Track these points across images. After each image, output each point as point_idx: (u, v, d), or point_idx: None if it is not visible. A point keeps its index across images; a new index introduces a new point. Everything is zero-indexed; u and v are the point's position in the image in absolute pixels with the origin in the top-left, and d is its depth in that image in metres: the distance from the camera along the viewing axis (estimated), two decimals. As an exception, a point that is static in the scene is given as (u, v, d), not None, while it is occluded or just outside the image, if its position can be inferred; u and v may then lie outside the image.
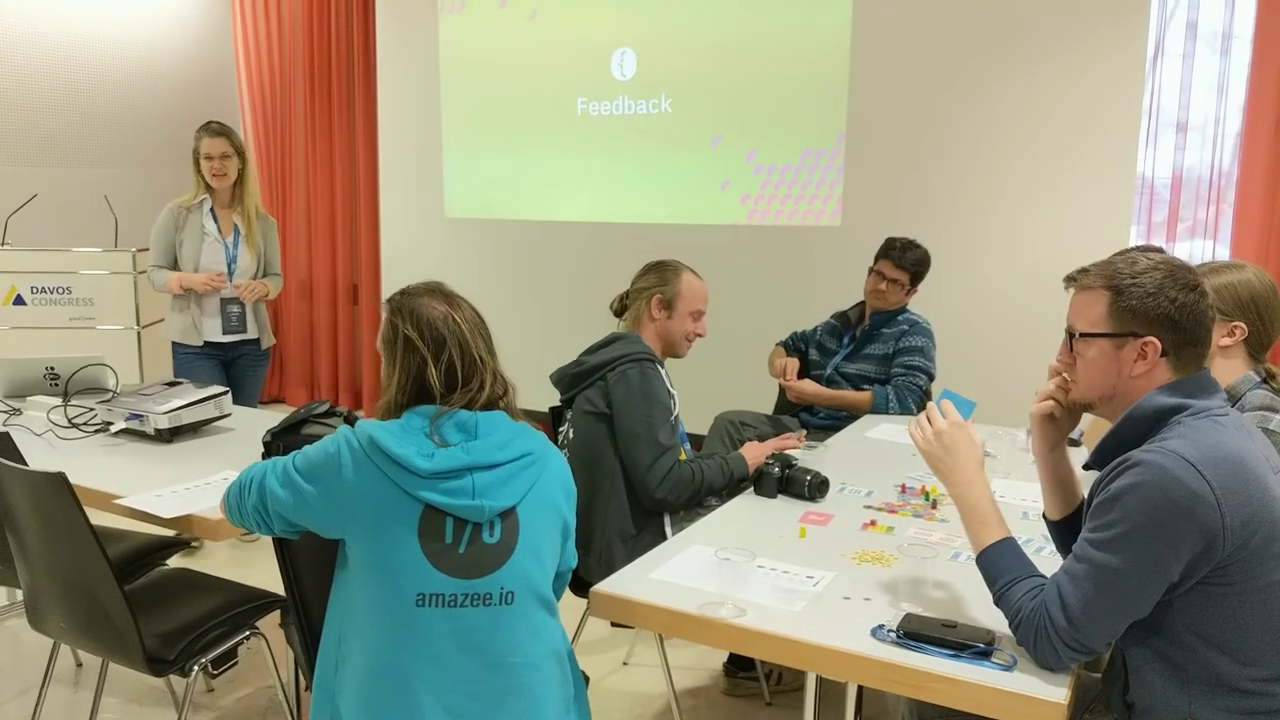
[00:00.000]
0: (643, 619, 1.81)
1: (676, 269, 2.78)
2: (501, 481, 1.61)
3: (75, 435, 2.74)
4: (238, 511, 1.73)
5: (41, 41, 5.52)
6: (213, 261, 3.82)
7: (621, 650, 3.16)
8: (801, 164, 4.81)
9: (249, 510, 1.70)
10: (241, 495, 1.71)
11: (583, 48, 5.27)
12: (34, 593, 2.22)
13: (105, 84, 5.85)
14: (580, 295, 5.29)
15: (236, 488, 1.73)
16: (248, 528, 1.77)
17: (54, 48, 5.59)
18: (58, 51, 5.61)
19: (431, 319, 1.68)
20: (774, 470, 2.40)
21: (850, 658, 1.58)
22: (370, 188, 6.23)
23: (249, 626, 2.27)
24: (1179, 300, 1.47)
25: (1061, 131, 4.16)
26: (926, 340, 3.50)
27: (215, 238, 3.82)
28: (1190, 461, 1.37)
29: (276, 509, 1.65)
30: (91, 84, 5.78)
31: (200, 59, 6.38)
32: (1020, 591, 1.51)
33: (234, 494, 1.74)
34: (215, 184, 3.78)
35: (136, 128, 5.93)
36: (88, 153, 5.76)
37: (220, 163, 3.76)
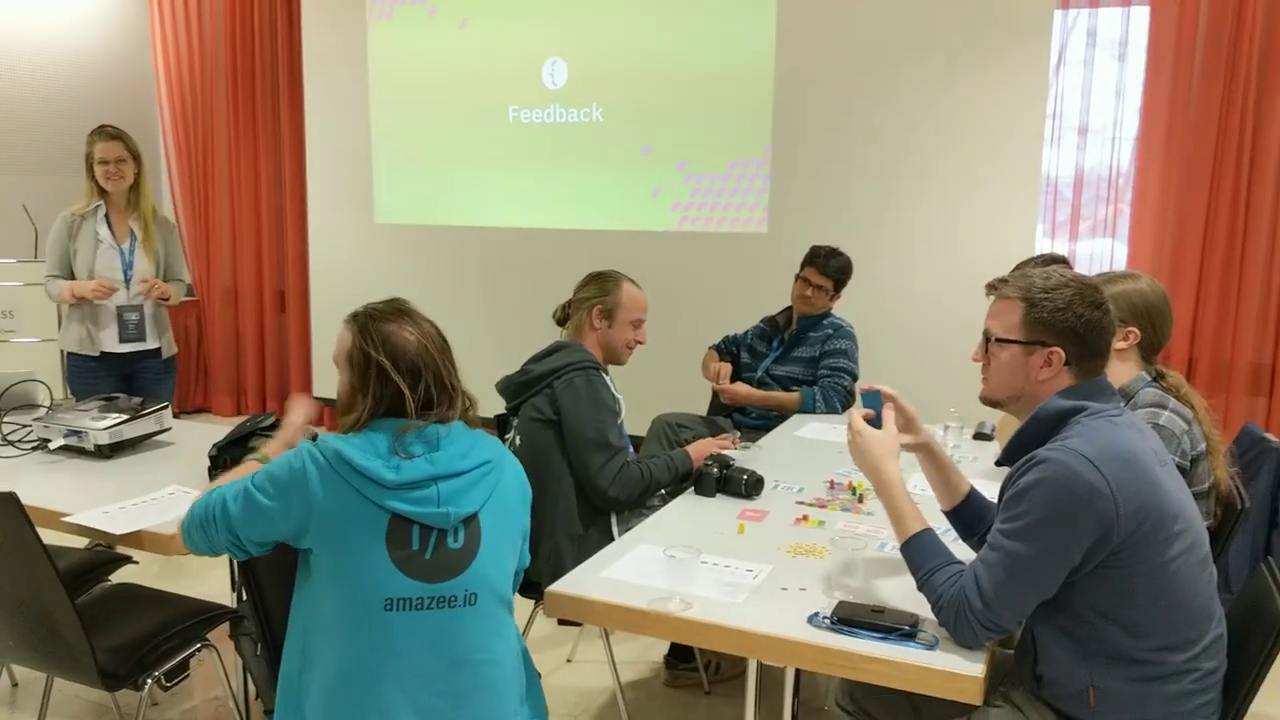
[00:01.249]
0: (596, 616, 1.92)
1: (617, 279, 2.88)
2: (464, 489, 1.69)
3: (11, 453, 2.72)
4: (207, 544, 1.74)
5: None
6: (108, 268, 3.70)
7: (566, 648, 3.25)
8: (729, 173, 4.95)
9: (222, 544, 1.71)
10: (207, 529, 1.72)
11: (514, 56, 5.33)
12: (-21, 611, 2.22)
13: (22, 91, 5.71)
14: (514, 301, 5.36)
15: (198, 524, 1.73)
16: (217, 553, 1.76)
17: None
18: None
19: (405, 349, 1.74)
20: (712, 470, 2.52)
21: (789, 644, 1.71)
22: (297, 193, 6.19)
23: (200, 639, 2.29)
24: (1085, 316, 1.65)
25: (972, 138, 4.37)
26: (850, 343, 3.67)
27: (110, 244, 3.71)
28: (1088, 458, 1.53)
29: (247, 534, 1.68)
30: (8, 91, 5.64)
31: (118, 65, 6.26)
32: (941, 578, 1.66)
33: (196, 529, 1.74)
34: (110, 188, 3.67)
35: (55, 135, 5.80)
36: (4, 161, 5.62)
37: (116, 166, 3.65)
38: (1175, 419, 2.08)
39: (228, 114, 6.27)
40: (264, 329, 6.48)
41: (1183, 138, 4.17)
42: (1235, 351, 4.18)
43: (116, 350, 3.75)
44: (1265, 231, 4.07)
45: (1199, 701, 1.60)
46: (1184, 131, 4.16)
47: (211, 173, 6.40)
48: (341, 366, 1.80)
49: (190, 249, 6.41)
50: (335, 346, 1.82)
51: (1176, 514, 1.58)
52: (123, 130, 3.73)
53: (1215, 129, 4.09)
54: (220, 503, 1.71)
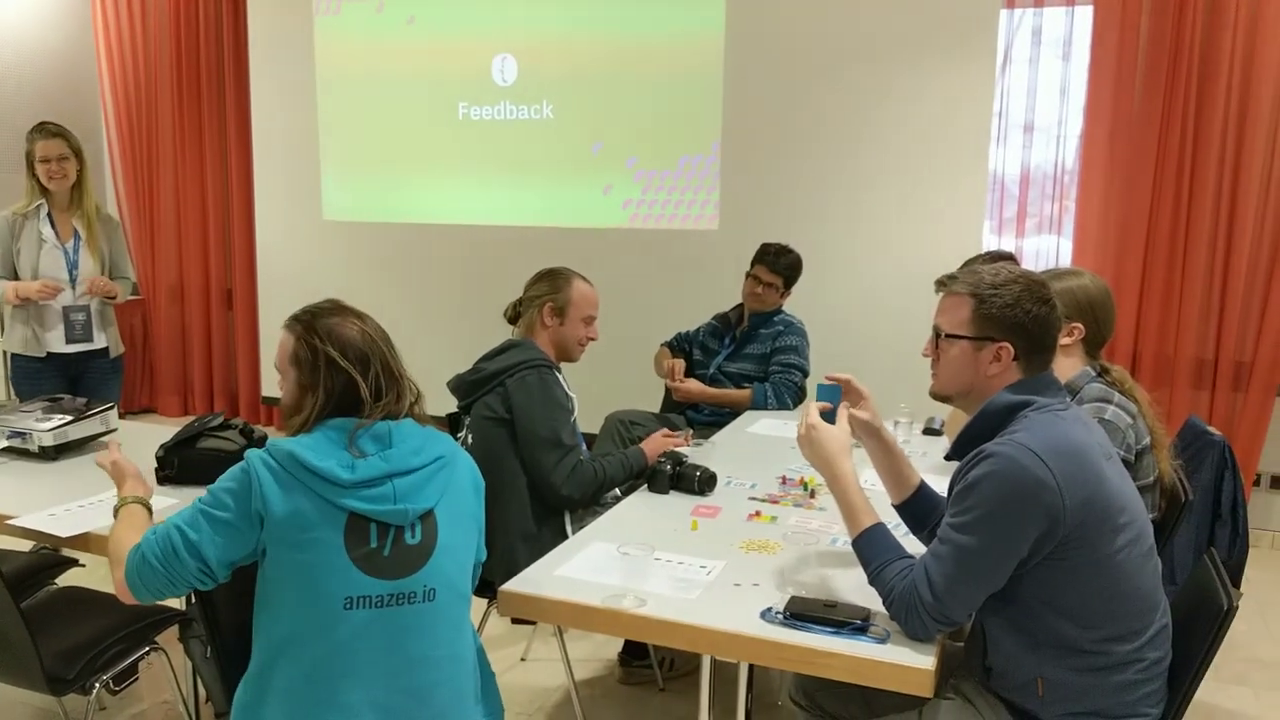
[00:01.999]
0: (550, 614, 1.92)
1: (568, 276, 2.88)
2: (420, 485, 1.69)
3: (-47, 455, 2.66)
4: (166, 582, 1.64)
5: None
6: (52, 268, 3.64)
7: (519, 646, 3.25)
8: (680, 169, 4.96)
9: (188, 576, 1.63)
10: (170, 565, 1.63)
11: (463, 53, 5.29)
12: (-81, 617, 2.16)
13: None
14: (464, 299, 5.33)
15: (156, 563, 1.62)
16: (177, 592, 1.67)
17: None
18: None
19: (350, 338, 1.74)
20: (665, 468, 2.54)
21: (742, 639, 1.72)
22: (244, 190, 6.09)
23: (149, 642, 2.26)
24: (1032, 312, 1.68)
25: (920, 136, 4.42)
26: (800, 339, 3.71)
27: (54, 244, 3.64)
28: (1035, 452, 1.56)
29: (218, 555, 1.63)
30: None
31: (60, 59, 6.11)
32: (892, 572, 1.68)
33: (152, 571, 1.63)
34: (53, 187, 3.61)
35: None
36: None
37: (58, 164, 3.59)
38: (1120, 413, 2.13)
39: (172, 109, 6.14)
40: (211, 327, 6.37)
41: (1126, 136, 4.26)
42: (1178, 346, 4.28)
43: (63, 351, 3.69)
44: (1207, 228, 4.18)
45: (1144, 691, 1.64)
46: (1127, 129, 4.26)
47: (156, 168, 6.28)
48: (285, 370, 1.79)
49: (135, 246, 6.29)
50: (277, 354, 1.81)
51: (1122, 507, 1.62)
52: (64, 127, 3.66)
53: (1158, 127, 4.19)
54: (176, 535, 1.63)
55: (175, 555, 1.62)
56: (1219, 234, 4.19)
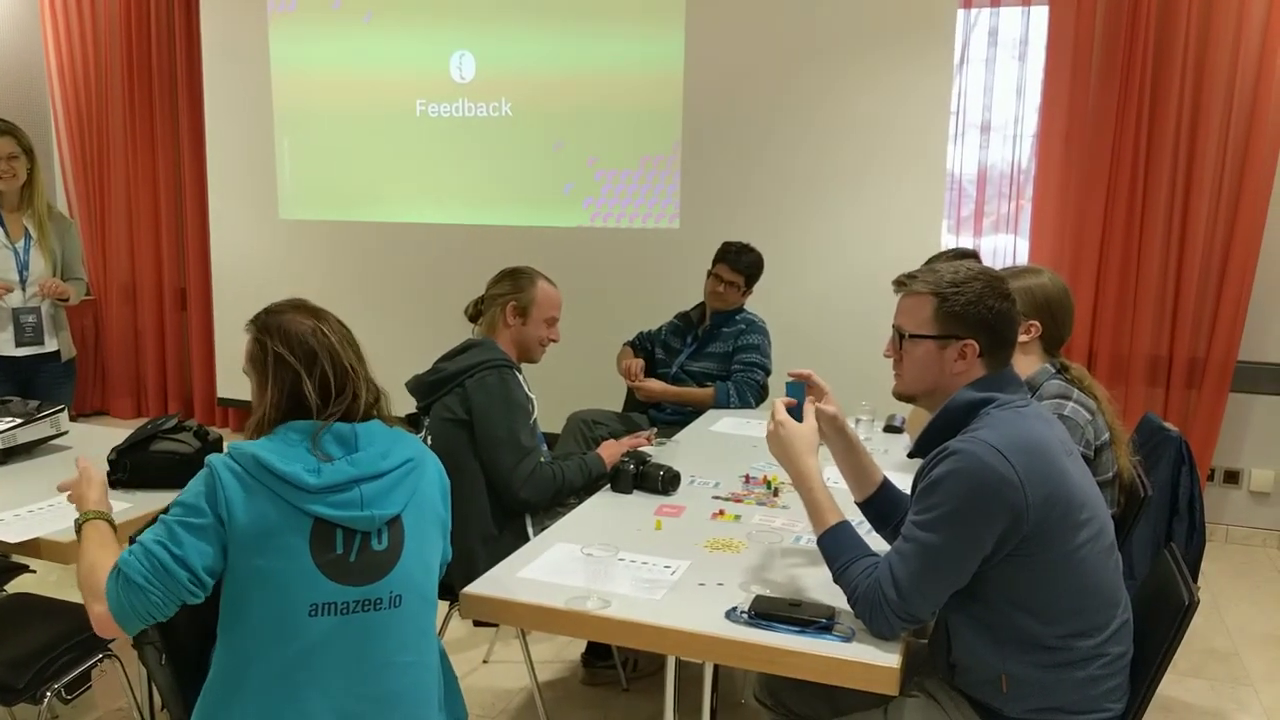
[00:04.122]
0: (513, 616, 1.90)
1: (531, 276, 2.86)
2: (387, 490, 1.65)
3: (-105, 460, 2.58)
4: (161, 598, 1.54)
5: None
6: (2, 269, 3.55)
7: (481, 649, 3.22)
8: (641, 169, 4.95)
9: (180, 589, 1.54)
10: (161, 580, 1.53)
11: (420, 50, 5.24)
12: None
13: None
14: (424, 298, 5.28)
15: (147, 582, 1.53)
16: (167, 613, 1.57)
17: None
18: None
19: (300, 333, 1.70)
20: (629, 467, 2.52)
21: (707, 639, 1.71)
22: (197, 188, 5.99)
23: (102, 649, 2.21)
24: (995, 308, 1.69)
25: (878, 135, 4.45)
26: (762, 338, 3.72)
27: (4, 244, 3.55)
28: (998, 449, 1.57)
29: (205, 563, 1.55)
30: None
31: (6, 54, 5.96)
32: (856, 571, 1.68)
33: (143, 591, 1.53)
34: (2, 186, 3.52)
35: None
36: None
37: (7, 163, 3.50)
38: (1079, 410, 2.15)
39: (123, 106, 6.02)
40: (164, 328, 6.25)
41: (1081, 135, 4.31)
42: (1133, 344, 4.35)
43: (12, 354, 3.59)
44: (1161, 226, 4.24)
45: (1107, 686, 1.65)
46: (1082, 129, 4.31)
47: (107, 167, 6.15)
48: (249, 372, 1.75)
49: (86, 246, 6.14)
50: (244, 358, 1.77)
51: (1083, 503, 1.63)
52: (14, 124, 3.57)
53: (1112, 126, 4.25)
54: (159, 550, 1.54)
55: (165, 571, 1.53)
56: (1172, 232, 4.26)
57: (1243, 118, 4.13)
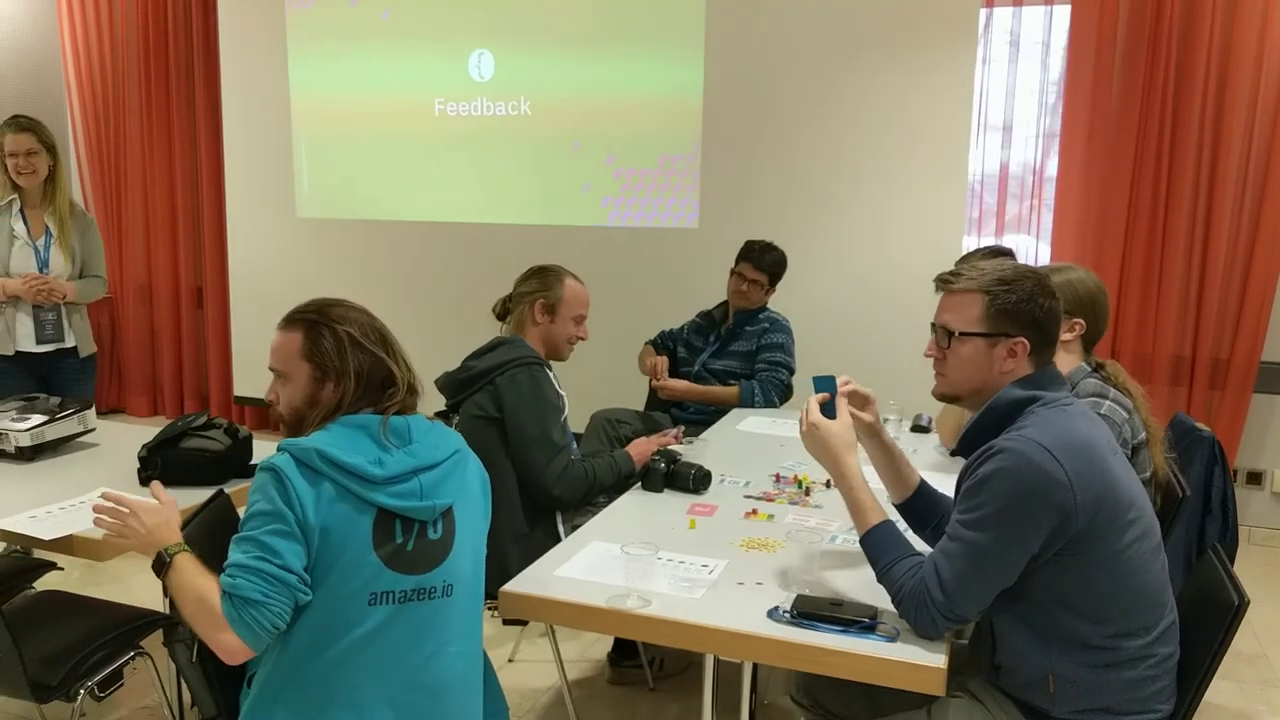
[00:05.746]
0: (552, 614, 1.90)
1: (559, 274, 2.85)
2: (442, 480, 1.68)
3: (-74, 457, 2.58)
4: (282, 612, 1.55)
5: None
6: (23, 265, 3.55)
7: (507, 648, 3.21)
8: (660, 168, 4.94)
9: (296, 591, 1.55)
10: (278, 594, 1.53)
11: (439, 48, 5.23)
12: (-105, 624, 2.09)
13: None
14: (442, 297, 5.27)
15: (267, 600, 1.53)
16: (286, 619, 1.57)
17: None
18: None
19: (363, 321, 1.74)
20: (660, 466, 2.51)
21: (749, 639, 1.71)
22: (215, 186, 5.99)
23: (134, 647, 2.21)
24: (1046, 306, 1.68)
25: (900, 135, 4.43)
26: (786, 337, 3.70)
27: (25, 240, 3.55)
28: (1046, 447, 1.56)
29: (301, 564, 1.55)
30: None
31: (24, 53, 5.97)
32: (901, 570, 1.67)
33: (266, 607, 1.53)
34: (23, 182, 3.51)
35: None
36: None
37: (27, 160, 3.49)
38: (1116, 408, 2.14)
39: (140, 104, 6.02)
40: (181, 326, 6.24)
41: (1104, 135, 4.29)
42: (1156, 344, 4.32)
43: (33, 350, 3.59)
44: (1184, 226, 4.21)
45: (1155, 687, 1.64)
46: (1105, 129, 4.29)
47: (124, 165, 6.15)
48: (294, 368, 1.72)
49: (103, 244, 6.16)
50: (276, 356, 1.75)
51: (1130, 502, 1.61)
52: (36, 121, 3.57)
53: (1135, 126, 4.22)
54: (262, 564, 1.53)
55: (277, 580, 1.53)
56: (1196, 232, 4.23)
57: (1267, 117, 4.10)
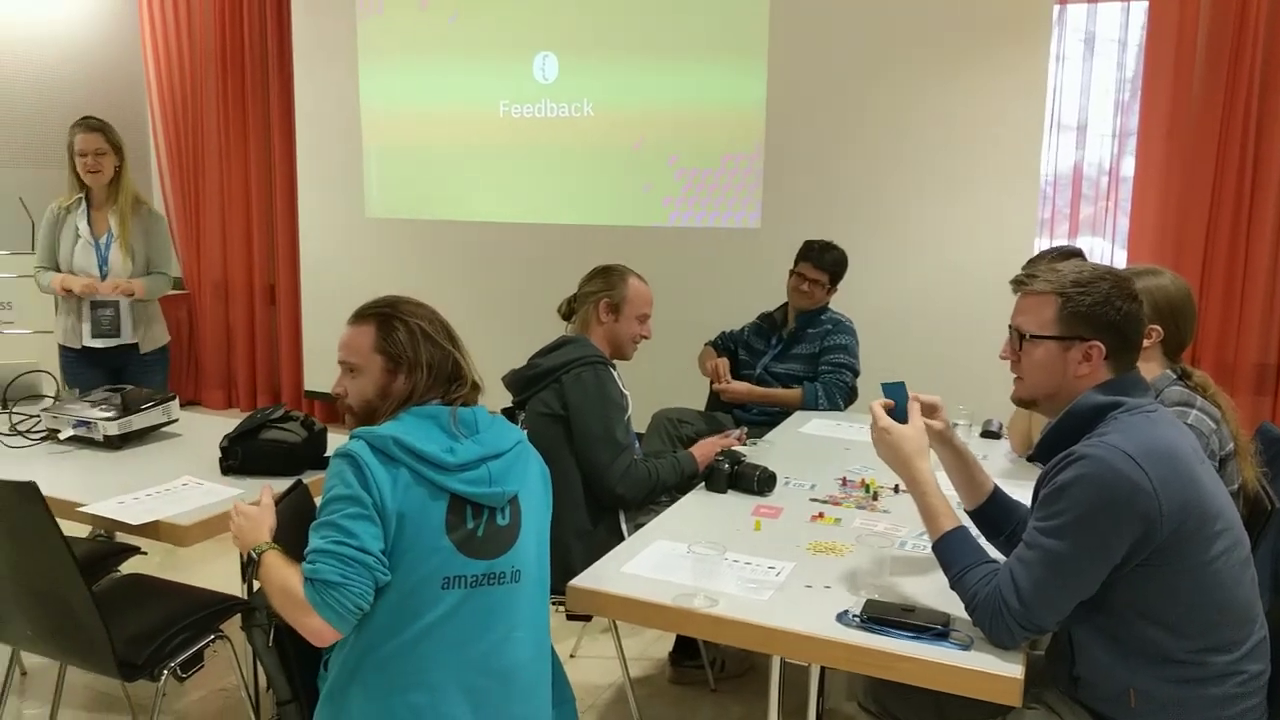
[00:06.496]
0: (618, 611, 1.91)
1: (623, 274, 2.87)
2: (508, 468, 1.75)
3: (21, 443, 2.68)
4: (363, 592, 1.60)
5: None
6: (84, 263, 3.66)
7: (568, 643, 3.23)
8: (722, 168, 4.93)
9: (376, 572, 1.60)
10: (357, 575, 1.58)
11: (504, 51, 5.29)
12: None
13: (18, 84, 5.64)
14: (504, 296, 5.32)
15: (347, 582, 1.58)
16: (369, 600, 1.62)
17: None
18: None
19: (433, 317, 1.83)
20: (724, 466, 2.51)
21: (817, 641, 1.70)
22: (287, 187, 6.13)
23: (214, 630, 2.27)
24: (1123, 309, 1.64)
25: (971, 135, 4.36)
26: (850, 338, 3.66)
27: (87, 239, 3.66)
28: (1129, 454, 1.52)
29: (379, 546, 1.60)
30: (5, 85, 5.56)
31: (109, 57, 6.19)
32: (975, 577, 1.65)
33: (347, 589, 1.58)
34: (90, 181, 3.62)
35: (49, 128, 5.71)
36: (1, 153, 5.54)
37: (94, 159, 3.58)
38: (1203, 418, 2.08)
39: (217, 107, 6.20)
40: (254, 322, 6.42)
41: (1184, 135, 4.17)
42: (1239, 351, 4.19)
43: (93, 345, 3.71)
44: (1270, 231, 4.07)
45: (1244, 705, 1.59)
46: (1185, 129, 4.16)
47: (201, 166, 6.34)
48: (365, 360, 1.80)
49: (180, 242, 6.36)
50: (347, 349, 1.83)
51: (1218, 513, 1.57)
52: (105, 122, 3.66)
53: (1217, 125, 4.09)
54: (341, 548, 1.58)
55: (355, 562, 1.58)
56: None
57: (1358, 115, 3.96)
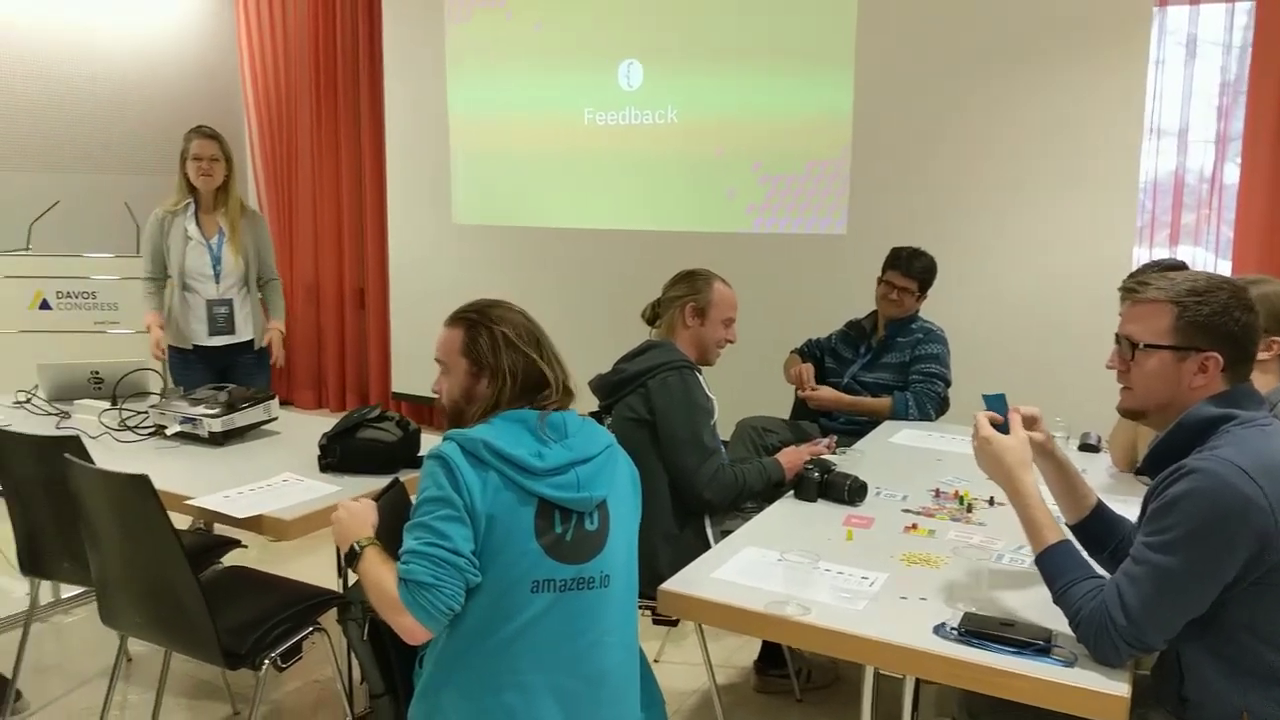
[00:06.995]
0: (708, 615, 1.91)
1: (708, 277, 2.87)
2: (596, 473, 1.76)
3: (130, 438, 2.80)
4: (454, 593, 1.63)
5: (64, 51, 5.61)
6: (198, 264, 3.81)
7: (652, 647, 3.24)
8: (807, 174, 4.91)
9: (467, 573, 1.63)
10: (448, 576, 1.62)
11: (589, 59, 5.35)
12: (106, 589, 2.28)
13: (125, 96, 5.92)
14: (588, 302, 5.36)
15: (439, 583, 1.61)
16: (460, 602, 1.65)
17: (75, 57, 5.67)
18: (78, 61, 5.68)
19: (519, 323, 1.85)
20: (814, 475, 2.50)
21: (914, 653, 1.68)
22: (377, 194, 6.29)
23: (312, 622, 2.34)
24: (1242, 320, 1.59)
25: (1067, 141, 4.26)
26: (942, 347, 3.60)
27: (199, 241, 3.82)
28: (1243, 468, 1.47)
29: (469, 548, 1.64)
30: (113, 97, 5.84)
31: (208, 68, 6.44)
32: (1080, 592, 1.60)
33: (439, 590, 1.62)
34: (200, 185, 3.78)
35: (152, 136, 5.99)
36: (109, 161, 5.81)
37: (208, 164, 3.76)
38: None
39: (310, 116, 6.39)
40: (344, 325, 6.58)
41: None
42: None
43: (208, 344, 3.85)
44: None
45: (1362, 728, 1.53)
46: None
47: (295, 172, 6.54)
48: (454, 363, 1.85)
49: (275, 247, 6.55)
50: (440, 350, 1.88)
51: (1339, 532, 1.51)
52: (219, 132, 3.84)
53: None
54: (433, 550, 1.62)
55: (447, 564, 1.62)
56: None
57: None
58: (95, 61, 5.74)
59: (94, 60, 5.73)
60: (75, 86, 5.66)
